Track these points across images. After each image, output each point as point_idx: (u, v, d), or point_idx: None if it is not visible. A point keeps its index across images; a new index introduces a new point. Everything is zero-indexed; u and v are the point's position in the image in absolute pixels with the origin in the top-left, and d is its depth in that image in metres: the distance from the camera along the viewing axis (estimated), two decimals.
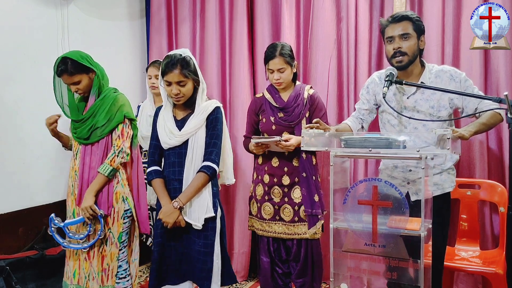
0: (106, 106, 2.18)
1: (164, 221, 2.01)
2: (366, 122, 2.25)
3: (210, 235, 2.04)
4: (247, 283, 3.11)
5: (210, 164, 2.03)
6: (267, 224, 2.43)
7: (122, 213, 2.21)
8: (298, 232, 2.37)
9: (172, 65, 2.00)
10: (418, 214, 1.61)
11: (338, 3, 2.86)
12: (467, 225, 2.56)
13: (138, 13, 3.53)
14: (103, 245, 2.19)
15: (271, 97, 2.44)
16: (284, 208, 2.40)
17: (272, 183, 2.42)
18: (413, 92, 2.05)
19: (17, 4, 2.58)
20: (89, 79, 2.19)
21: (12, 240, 2.51)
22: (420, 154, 1.60)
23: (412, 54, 2.00)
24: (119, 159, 2.16)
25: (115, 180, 2.21)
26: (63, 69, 2.12)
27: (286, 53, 2.34)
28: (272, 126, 2.41)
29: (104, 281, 2.18)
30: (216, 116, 2.09)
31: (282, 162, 2.39)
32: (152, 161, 2.17)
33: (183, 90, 2.03)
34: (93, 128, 2.18)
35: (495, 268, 2.22)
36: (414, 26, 2.00)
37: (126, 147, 2.20)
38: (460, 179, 2.59)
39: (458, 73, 2.05)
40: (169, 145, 2.09)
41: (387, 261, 1.66)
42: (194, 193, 2.02)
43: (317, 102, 2.40)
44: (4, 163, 2.51)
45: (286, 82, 2.38)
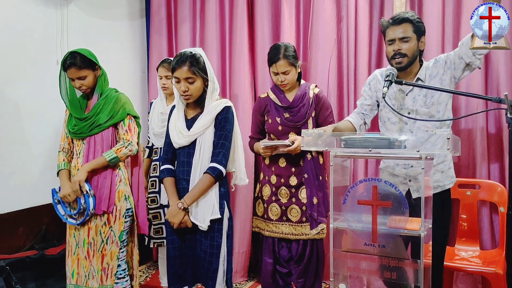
0: (109, 105, 2.20)
1: (170, 221, 2.02)
2: (369, 117, 2.25)
3: (216, 236, 2.03)
4: (247, 283, 3.11)
5: (216, 165, 2.01)
6: (274, 225, 2.43)
7: (124, 211, 2.22)
8: (305, 232, 2.37)
9: (182, 61, 2.00)
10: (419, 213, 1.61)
11: (338, 3, 2.86)
12: (467, 225, 2.56)
13: (138, 13, 3.53)
14: (104, 243, 2.19)
15: (276, 97, 2.44)
16: (292, 208, 2.40)
17: (279, 184, 2.42)
18: (411, 89, 2.09)
19: (17, 4, 2.58)
20: (94, 77, 2.22)
21: (12, 240, 2.51)
22: (420, 154, 1.60)
23: (412, 56, 2.03)
24: (126, 150, 2.19)
25: (117, 179, 2.22)
26: (72, 62, 2.15)
27: (290, 54, 2.32)
28: (278, 126, 2.41)
29: (103, 280, 2.18)
30: (225, 116, 2.06)
31: (289, 162, 2.39)
32: (165, 159, 2.16)
33: (191, 87, 2.02)
34: (95, 125, 2.20)
35: (495, 268, 2.22)
36: (414, 28, 2.02)
37: (135, 141, 2.23)
38: (460, 179, 2.59)
39: (445, 55, 2.10)
40: (178, 145, 2.09)
41: (386, 261, 1.66)
42: (198, 195, 2.01)
43: (323, 101, 2.40)
44: (4, 163, 2.51)
45: (291, 83, 2.38)
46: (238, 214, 3.07)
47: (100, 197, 2.18)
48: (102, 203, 2.17)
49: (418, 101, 2.07)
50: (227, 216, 2.10)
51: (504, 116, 1.93)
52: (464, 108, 2.60)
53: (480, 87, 2.53)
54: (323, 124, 2.35)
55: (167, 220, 2.05)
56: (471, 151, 2.59)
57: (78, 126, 2.21)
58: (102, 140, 2.21)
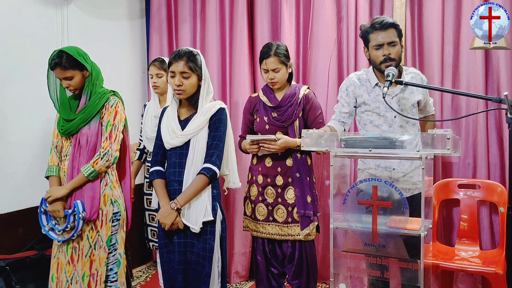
0: (96, 109, 2.15)
1: (161, 222, 1.98)
2: (347, 125, 2.27)
3: (209, 239, 2.00)
4: (247, 283, 3.11)
5: (210, 166, 1.99)
6: (260, 225, 2.42)
7: (111, 216, 2.15)
8: (291, 233, 2.36)
9: (179, 56, 2.00)
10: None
11: (338, 3, 2.86)
12: (467, 225, 2.56)
13: (138, 13, 3.53)
14: (92, 249, 2.12)
15: (265, 97, 2.44)
16: (278, 208, 2.39)
17: (265, 184, 2.41)
18: (396, 93, 2.14)
19: (17, 4, 2.58)
20: (82, 77, 2.15)
21: (12, 240, 2.51)
22: (420, 154, 1.60)
23: (398, 59, 2.09)
24: (103, 162, 2.10)
25: (103, 183, 2.15)
26: (57, 62, 2.08)
27: (281, 52, 2.33)
28: (265, 125, 2.41)
29: (91, 286, 2.11)
30: (219, 117, 2.05)
31: (276, 162, 2.39)
32: (155, 161, 2.14)
33: (185, 82, 2.00)
34: (82, 126, 2.15)
35: (495, 268, 2.22)
36: (398, 32, 2.08)
37: (114, 149, 2.13)
38: (460, 179, 2.60)
39: (422, 77, 2.25)
40: (171, 145, 2.06)
41: (386, 261, 1.66)
42: (192, 195, 1.98)
43: (311, 102, 2.38)
44: (4, 163, 2.51)
45: (280, 82, 2.37)
46: (238, 214, 3.07)
47: (85, 203, 2.11)
48: (87, 209, 2.10)
49: (403, 103, 2.13)
50: (220, 218, 2.07)
51: (504, 116, 1.93)
52: (464, 108, 2.60)
53: (480, 87, 2.53)
54: (312, 125, 2.35)
55: (159, 222, 2.02)
56: (471, 151, 2.59)
57: (66, 127, 2.16)
58: (88, 143, 2.14)
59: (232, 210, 3.10)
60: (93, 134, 2.14)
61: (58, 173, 2.21)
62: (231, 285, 3.07)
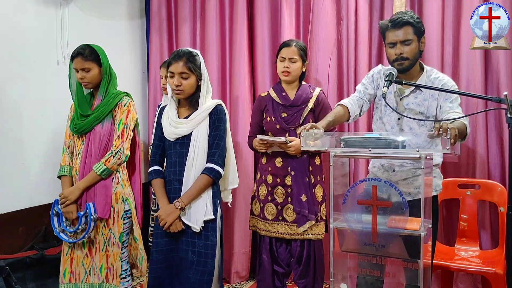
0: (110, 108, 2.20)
1: (162, 219, 1.98)
2: (366, 106, 2.14)
3: (210, 235, 2.00)
4: (247, 283, 3.11)
5: (213, 166, 2.00)
6: (270, 224, 2.43)
7: (122, 213, 2.20)
8: (300, 232, 2.37)
9: (178, 57, 2.02)
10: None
11: (338, 3, 2.86)
12: (466, 225, 2.56)
13: (138, 13, 3.53)
14: (106, 245, 2.18)
15: (276, 95, 2.44)
16: (287, 208, 2.40)
17: (275, 183, 2.42)
18: (407, 94, 2.04)
19: (17, 4, 2.58)
20: (98, 73, 2.22)
21: (12, 240, 2.51)
22: (420, 154, 1.60)
23: (413, 58, 1.99)
24: (115, 160, 2.15)
25: (114, 181, 2.19)
26: (80, 51, 2.18)
27: (301, 47, 2.41)
28: (276, 125, 2.42)
29: (109, 278, 2.17)
30: (219, 117, 2.07)
31: (286, 162, 2.39)
32: (153, 161, 2.15)
33: (184, 83, 2.01)
34: (95, 125, 2.19)
35: (495, 268, 2.22)
36: (415, 30, 1.98)
37: (125, 148, 2.18)
38: (460, 179, 2.59)
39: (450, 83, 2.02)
40: (176, 135, 2.05)
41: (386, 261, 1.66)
42: (196, 195, 1.99)
43: (322, 103, 2.42)
44: (4, 163, 2.50)
45: (293, 74, 2.38)
46: (238, 214, 3.07)
47: (95, 200, 2.15)
48: (98, 207, 2.15)
49: (411, 108, 2.04)
50: (220, 215, 2.08)
51: (504, 116, 1.92)
52: (464, 108, 2.59)
53: (480, 87, 2.53)
54: None
55: (157, 220, 2.02)
56: (471, 151, 2.59)
57: (79, 125, 2.20)
58: (100, 142, 2.18)
59: (232, 210, 3.09)
60: (106, 133, 2.20)
61: (70, 172, 2.25)
62: (231, 285, 3.07)
